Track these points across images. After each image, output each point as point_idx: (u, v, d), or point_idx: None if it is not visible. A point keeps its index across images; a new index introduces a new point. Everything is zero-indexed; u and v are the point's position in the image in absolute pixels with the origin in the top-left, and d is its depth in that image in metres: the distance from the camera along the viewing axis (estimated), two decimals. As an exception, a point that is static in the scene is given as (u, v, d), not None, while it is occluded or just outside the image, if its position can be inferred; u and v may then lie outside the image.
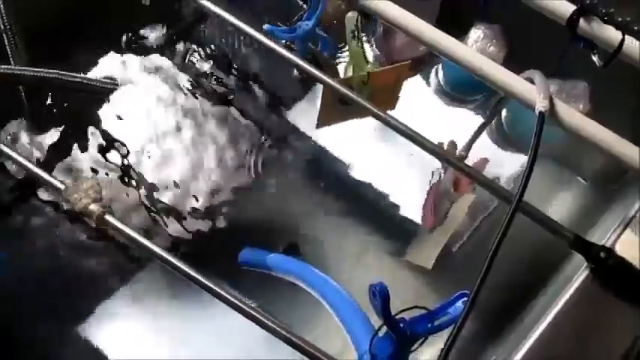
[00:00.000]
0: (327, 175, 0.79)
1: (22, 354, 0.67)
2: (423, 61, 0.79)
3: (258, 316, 0.50)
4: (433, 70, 0.82)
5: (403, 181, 0.78)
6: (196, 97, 0.83)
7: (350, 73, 0.70)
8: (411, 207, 0.76)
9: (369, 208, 0.77)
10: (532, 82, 0.55)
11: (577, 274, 0.55)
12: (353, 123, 0.73)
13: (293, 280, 0.63)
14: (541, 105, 0.50)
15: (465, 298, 0.48)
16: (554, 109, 0.52)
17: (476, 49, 0.70)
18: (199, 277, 0.53)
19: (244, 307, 0.50)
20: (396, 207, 0.77)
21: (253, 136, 0.81)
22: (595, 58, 0.56)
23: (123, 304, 0.70)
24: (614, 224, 0.60)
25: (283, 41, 0.72)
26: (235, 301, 0.50)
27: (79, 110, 0.81)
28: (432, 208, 0.75)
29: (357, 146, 0.80)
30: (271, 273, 0.65)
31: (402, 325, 0.46)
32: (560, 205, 0.78)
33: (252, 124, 0.82)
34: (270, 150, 0.80)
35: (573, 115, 0.52)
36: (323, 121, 0.71)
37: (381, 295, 0.42)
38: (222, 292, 0.52)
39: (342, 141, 0.80)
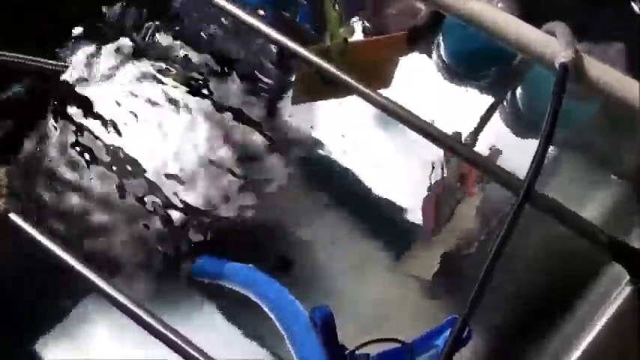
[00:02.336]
0: (318, 173, 0.70)
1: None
2: (421, 33, 0.67)
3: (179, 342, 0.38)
4: (434, 44, 0.70)
5: (405, 177, 0.69)
6: (163, 84, 0.72)
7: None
8: (415, 207, 0.67)
9: (367, 210, 0.68)
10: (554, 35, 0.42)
11: (616, 290, 0.42)
12: (346, 113, 0.66)
13: (250, 295, 0.51)
14: (563, 56, 0.37)
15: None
16: (581, 65, 0.39)
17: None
18: (113, 293, 0.42)
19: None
20: (397, 208, 0.68)
21: (231, 130, 0.70)
22: (636, 6, 0.42)
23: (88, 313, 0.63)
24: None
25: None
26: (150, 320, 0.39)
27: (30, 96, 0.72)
28: (433, 209, 0.65)
29: (352, 139, 0.70)
30: (228, 285, 0.55)
31: (364, 363, 0.33)
32: (591, 207, 0.67)
33: (228, 116, 0.71)
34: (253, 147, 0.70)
35: (607, 72, 0.38)
36: (298, 96, 0.63)
37: (323, 324, 0.29)
38: (139, 312, 0.41)
39: (335, 133, 0.70)
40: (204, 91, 0.72)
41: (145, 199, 0.66)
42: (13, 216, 0.47)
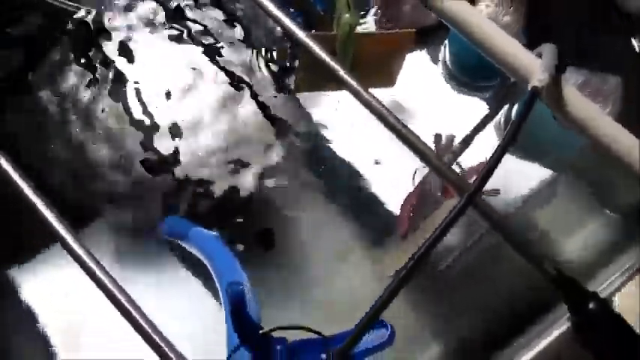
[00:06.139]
0: (308, 163, 0.69)
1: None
2: (430, 33, 0.66)
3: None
4: (442, 47, 0.68)
5: (399, 171, 0.67)
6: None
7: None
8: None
9: (356, 200, 0.67)
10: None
11: (554, 325, 0.41)
12: (345, 102, 0.64)
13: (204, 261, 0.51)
14: (537, 79, 0.36)
15: (384, 329, 0.35)
16: (558, 92, 0.37)
17: (486, 15, 0.55)
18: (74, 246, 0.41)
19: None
20: (384, 201, 0.67)
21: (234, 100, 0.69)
22: (635, 42, 0.41)
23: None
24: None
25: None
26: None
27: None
28: (408, 212, 0.64)
29: (347, 132, 0.69)
30: (188, 248, 0.56)
31: (278, 346, 0.33)
32: (577, 239, 0.66)
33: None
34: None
35: (585, 106, 0.37)
36: (301, 84, 0.61)
37: (233, 298, 0.29)
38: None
39: (331, 125, 0.69)
40: (217, 59, 0.70)
41: (144, 154, 0.66)
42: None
